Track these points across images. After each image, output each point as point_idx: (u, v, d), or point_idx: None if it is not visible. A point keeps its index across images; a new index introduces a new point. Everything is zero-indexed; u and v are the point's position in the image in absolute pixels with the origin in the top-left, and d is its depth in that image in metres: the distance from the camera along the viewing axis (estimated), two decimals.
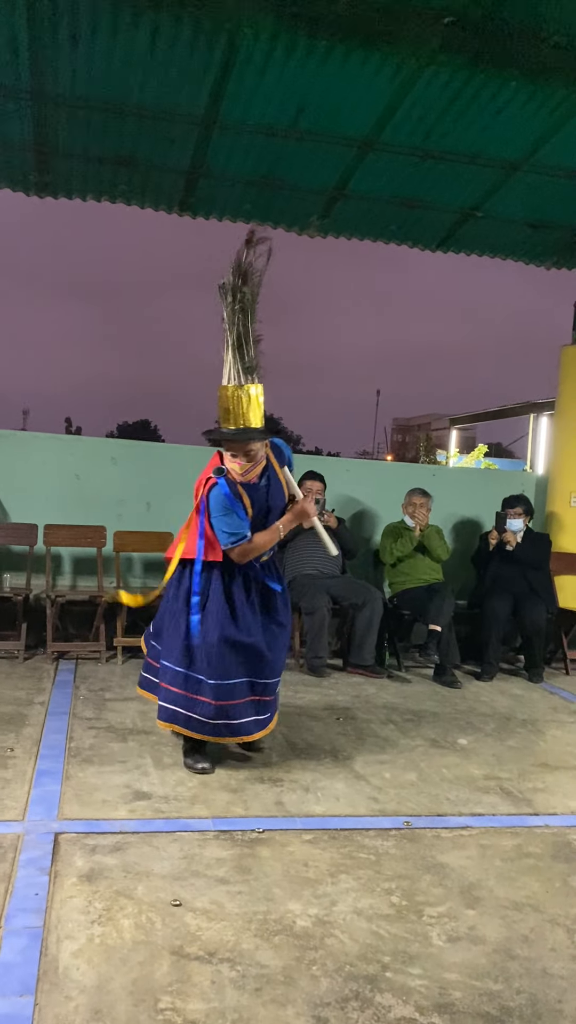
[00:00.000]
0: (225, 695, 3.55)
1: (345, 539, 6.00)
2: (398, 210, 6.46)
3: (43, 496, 6.09)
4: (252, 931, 2.43)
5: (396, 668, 5.89)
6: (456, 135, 5.31)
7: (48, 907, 2.47)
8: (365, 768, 3.85)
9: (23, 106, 5.16)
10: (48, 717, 4.30)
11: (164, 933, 2.38)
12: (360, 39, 4.42)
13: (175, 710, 3.58)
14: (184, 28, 4.36)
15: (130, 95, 4.99)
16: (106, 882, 2.65)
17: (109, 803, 3.27)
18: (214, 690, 3.52)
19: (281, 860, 2.89)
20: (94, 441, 7.36)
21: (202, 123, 5.31)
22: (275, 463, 3.71)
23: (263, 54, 4.57)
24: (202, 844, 2.97)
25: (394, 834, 3.18)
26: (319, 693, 5.11)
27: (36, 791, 3.33)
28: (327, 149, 5.57)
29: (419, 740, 4.35)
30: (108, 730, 4.16)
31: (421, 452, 25.44)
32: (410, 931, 2.49)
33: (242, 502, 3.59)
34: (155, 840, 2.98)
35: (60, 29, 4.41)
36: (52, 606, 5.58)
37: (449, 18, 4.21)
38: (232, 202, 6.35)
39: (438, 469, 10.32)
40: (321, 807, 3.38)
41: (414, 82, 4.75)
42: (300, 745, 4.10)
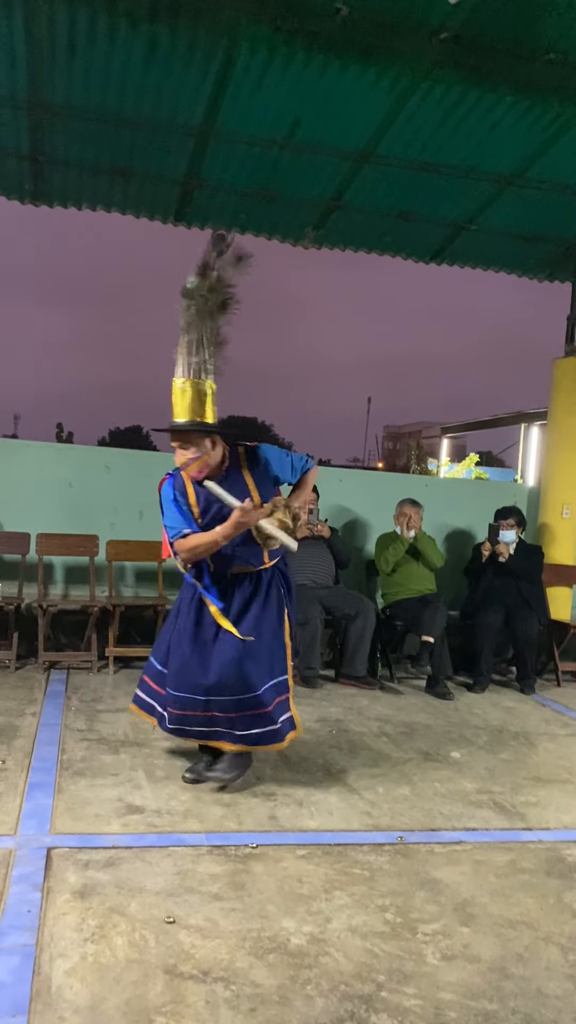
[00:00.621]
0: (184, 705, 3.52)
1: (338, 549, 6.01)
2: (393, 222, 6.50)
3: (36, 505, 6.07)
4: (246, 949, 2.41)
5: (389, 679, 5.89)
6: (451, 149, 5.35)
7: (41, 924, 2.45)
8: (358, 782, 3.84)
9: (19, 115, 5.17)
10: (40, 728, 4.28)
11: (158, 951, 2.36)
12: (356, 53, 4.45)
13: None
14: (181, 40, 4.38)
15: (127, 106, 5.02)
16: (99, 898, 2.63)
17: (102, 817, 3.25)
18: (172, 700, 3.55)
19: (275, 876, 2.88)
20: (87, 449, 7.35)
21: (198, 134, 5.33)
22: (244, 466, 3.59)
23: (260, 67, 4.59)
24: (195, 859, 2.95)
25: (388, 849, 3.18)
26: (312, 705, 5.10)
27: (28, 805, 3.31)
28: (323, 161, 5.61)
29: (412, 753, 4.34)
30: (100, 742, 4.14)
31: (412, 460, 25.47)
32: (405, 949, 2.48)
33: (187, 499, 3.52)
34: (148, 855, 2.96)
35: (58, 39, 4.43)
36: (44, 615, 5.55)
37: (445, 34, 4.24)
38: (228, 213, 6.37)
39: (430, 480, 10.34)
40: (315, 822, 3.37)
41: (409, 96, 4.79)
42: (293, 758, 4.09)
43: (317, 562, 5.87)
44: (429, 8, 4.06)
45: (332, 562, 5.97)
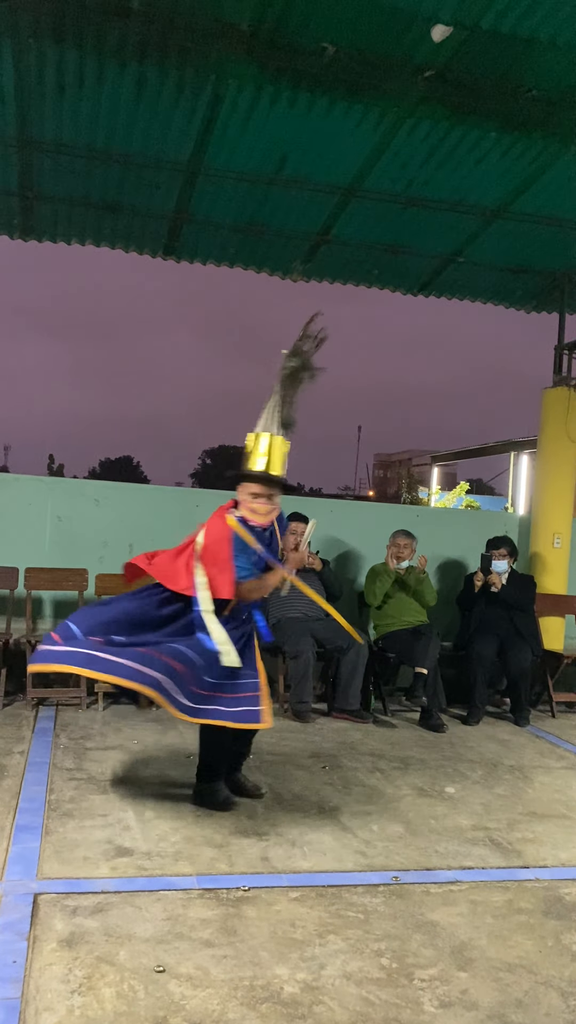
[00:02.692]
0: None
1: (329, 581, 5.97)
2: (380, 255, 6.56)
3: (24, 539, 6.03)
4: (238, 999, 2.35)
5: (382, 712, 5.83)
6: (437, 183, 5.41)
7: (26, 976, 2.38)
8: (352, 820, 3.78)
9: (9, 153, 5.21)
10: (28, 767, 4.20)
11: (147, 1003, 2.29)
12: (343, 91, 4.51)
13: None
14: (169, 79, 4.43)
15: (115, 143, 5.07)
16: (87, 947, 2.56)
17: (90, 860, 3.18)
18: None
19: (268, 920, 2.81)
20: (76, 483, 7.33)
21: (187, 170, 5.38)
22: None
23: (247, 105, 4.65)
24: (186, 904, 2.88)
25: (383, 890, 3.11)
26: (304, 740, 5.04)
27: (15, 848, 3.23)
28: (310, 196, 5.67)
29: (406, 789, 4.28)
30: (89, 781, 4.07)
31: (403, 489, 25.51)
32: (401, 996, 2.42)
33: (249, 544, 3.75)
34: (137, 900, 2.89)
35: (47, 78, 4.48)
36: (32, 651, 5.48)
37: (430, 72, 4.30)
38: (216, 247, 6.43)
39: (421, 510, 10.34)
40: (308, 862, 3.30)
41: (396, 132, 4.86)
42: (286, 796, 4.03)
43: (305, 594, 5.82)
44: (414, 47, 4.12)
45: (323, 594, 5.92)
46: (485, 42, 4.05)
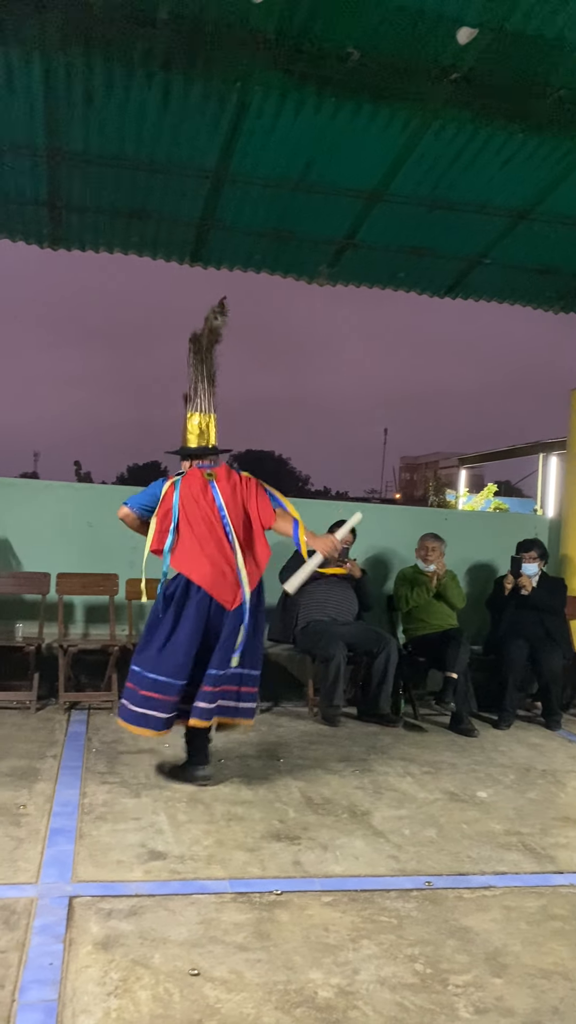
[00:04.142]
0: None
1: (367, 591, 5.97)
2: (406, 258, 6.54)
3: (55, 544, 6.09)
4: (273, 1003, 2.35)
5: (412, 716, 5.81)
6: (463, 186, 5.39)
7: (63, 978, 2.41)
8: (384, 824, 3.77)
9: (38, 163, 5.26)
10: (61, 771, 4.25)
11: (182, 1006, 2.31)
12: (368, 95, 4.51)
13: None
14: (195, 87, 4.45)
15: (142, 151, 5.10)
16: (122, 950, 2.58)
17: (124, 864, 3.20)
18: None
19: (300, 924, 2.81)
20: (106, 489, 7.39)
21: (213, 177, 5.40)
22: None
23: (272, 111, 4.66)
24: (219, 908, 2.90)
25: (415, 895, 3.10)
26: (334, 744, 5.04)
27: (50, 851, 3.27)
28: (336, 201, 5.66)
29: (437, 793, 4.26)
30: (121, 784, 4.10)
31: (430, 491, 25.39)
32: (436, 1002, 2.41)
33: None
34: (171, 903, 2.91)
35: (75, 89, 4.51)
36: (64, 655, 5.54)
37: (455, 74, 4.29)
38: (242, 253, 6.45)
39: (450, 513, 10.29)
40: (340, 867, 3.30)
41: (421, 136, 4.84)
42: (316, 800, 4.03)
43: (338, 599, 5.83)
44: (440, 49, 4.11)
45: (354, 600, 5.92)
46: (511, 44, 4.03)
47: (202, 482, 4.18)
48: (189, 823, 3.65)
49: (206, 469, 4.22)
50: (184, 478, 4.20)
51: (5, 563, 6.11)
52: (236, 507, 4.15)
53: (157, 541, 4.12)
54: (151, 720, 3.95)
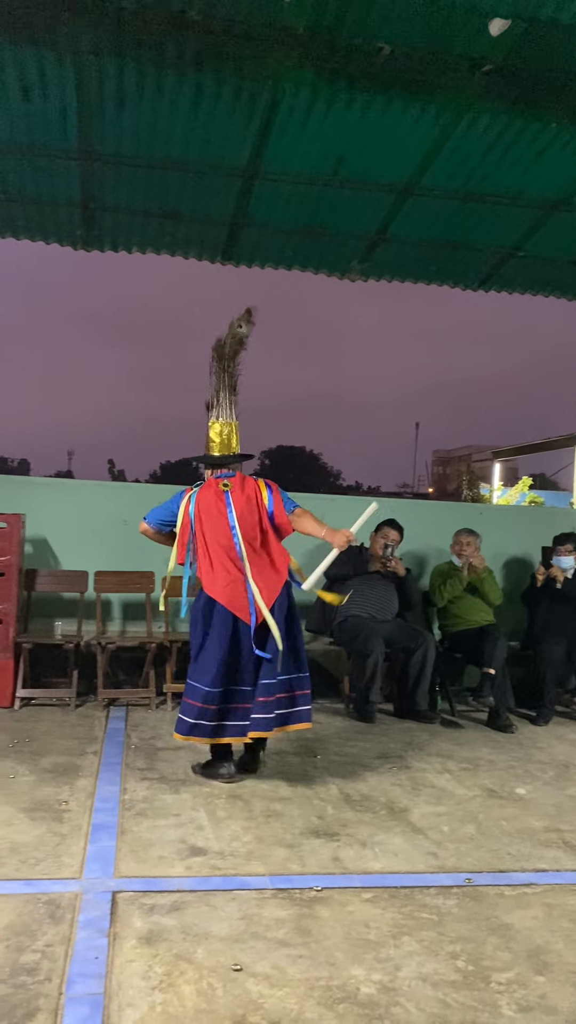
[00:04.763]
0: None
1: (412, 590, 5.95)
2: (439, 252, 6.51)
3: (93, 543, 6.15)
4: (315, 999, 2.37)
5: (448, 713, 5.79)
6: (496, 177, 5.35)
7: (108, 972, 2.44)
8: (422, 821, 3.77)
9: (71, 166, 5.32)
10: (101, 768, 4.30)
11: (226, 1001, 2.33)
12: (399, 90, 4.49)
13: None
14: (226, 87, 4.47)
15: (174, 151, 5.14)
16: (165, 944, 2.61)
17: (165, 859, 3.24)
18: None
19: (341, 921, 2.83)
20: (140, 487, 7.45)
21: (244, 175, 5.42)
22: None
23: (303, 108, 4.67)
24: (260, 903, 2.92)
25: (456, 892, 3.10)
26: (371, 740, 5.04)
27: (92, 847, 3.32)
28: (367, 196, 5.66)
29: (476, 790, 4.25)
30: (160, 781, 4.14)
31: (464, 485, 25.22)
32: (478, 999, 2.41)
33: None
34: (212, 899, 2.94)
35: (107, 91, 4.55)
36: (103, 652, 5.60)
37: (488, 66, 4.26)
38: (274, 250, 6.46)
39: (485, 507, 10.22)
40: (379, 863, 3.31)
41: (454, 128, 4.82)
42: (354, 796, 4.04)
43: (379, 596, 5.82)
44: (472, 41, 4.08)
45: (395, 598, 5.90)
46: (544, 34, 3.99)
47: (217, 493, 4.17)
48: (228, 819, 3.67)
49: (223, 479, 4.20)
50: (200, 490, 4.20)
51: (44, 562, 6.19)
52: (250, 517, 4.13)
53: (180, 555, 4.22)
54: (181, 724, 4.04)
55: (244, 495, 4.17)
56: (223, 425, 4.26)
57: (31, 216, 6.06)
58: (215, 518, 4.11)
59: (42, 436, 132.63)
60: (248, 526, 4.11)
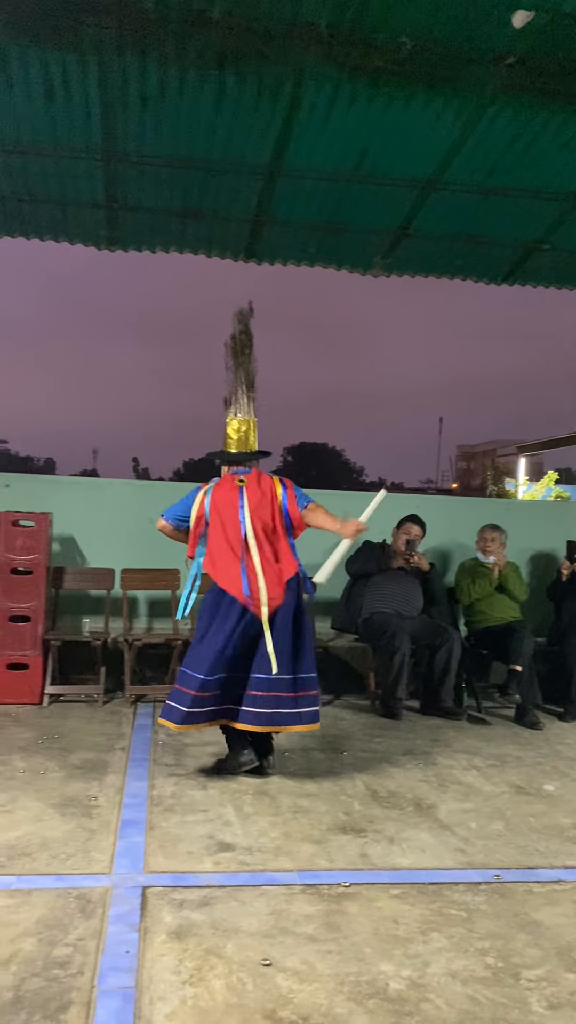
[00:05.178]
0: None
1: (435, 585, 5.94)
2: (462, 246, 6.48)
3: (119, 541, 6.20)
4: (345, 994, 2.38)
5: (475, 709, 5.77)
6: (520, 171, 5.31)
7: (139, 966, 2.47)
8: (450, 817, 3.77)
9: (95, 166, 5.35)
10: (129, 764, 4.34)
11: (256, 995, 2.35)
12: (422, 84, 4.47)
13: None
14: (248, 84, 4.48)
15: (196, 150, 5.14)
16: (195, 939, 2.63)
17: (194, 855, 3.26)
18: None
19: (370, 916, 2.83)
20: (165, 485, 7.49)
21: (266, 172, 5.42)
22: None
23: (325, 104, 4.66)
24: (289, 899, 2.93)
25: (484, 888, 3.10)
26: (398, 737, 5.04)
27: (121, 842, 3.35)
28: (390, 191, 5.63)
29: (503, 787, 4.24)
30: (188, 777, 4.17)
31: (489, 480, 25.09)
32: (508, 996, 2.41)
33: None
34: (241, 894, 2.95)
35: (130, 92, 4.57)
36: (130, 649, 5.64)
37: (511, 59, 4.22)
38: (296, 247, 6.46)
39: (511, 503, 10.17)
40: (407, 859, 3.31)
41: (476, 122, 4.78)
42: (381, 793, 4.04)
43: (404, 592, 5.81)
44: (494, 34, 4.05)
45: (420, 594, 5.89)
46: (568, 25, 3.95)
47: (233, 489, 4.22)
48: (256, 815, 3.69)
49: (239, 475, 4.26)
50: (216, 485, 4.27)
51: (71, 560, 6.25)
52: (262, 513, 4.18)
53: (191, 548, 4.28)
54: (173, 712, 4.03)
55: (259, 491, 4.22)
56: (241, 422, 4.29)
57: (55, 217, 6.11)
58: (228, 512, 4.17)
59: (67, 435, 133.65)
60: (259, 521, 4.16)
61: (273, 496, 4.24)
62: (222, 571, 4.12)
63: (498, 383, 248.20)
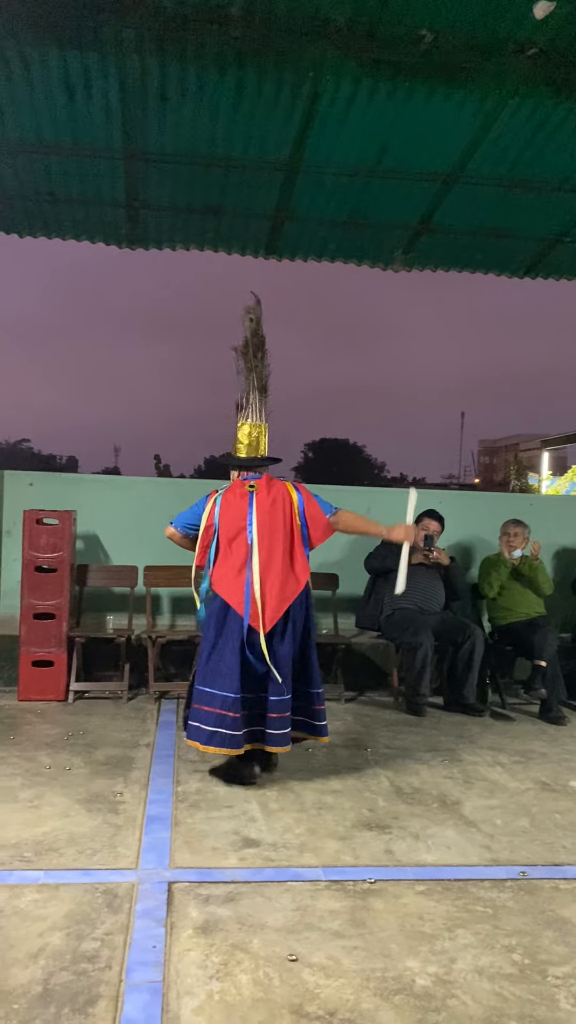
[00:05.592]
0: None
1: (457, 579, 5.92)
2: (483, 240, 6.43)
3: (142, 538, 6.22)
4: (371, 989, 2.38)
5: (499, 706, 5.74)
6: (542, 163, 5.26)
7: (166, 960, 2.48)
8: (475, 814, 3.75)
9: (115, 165, 5.37)
10: (154, 760, 4.36)
11: (282, 990, 2.36)
12: (442, 77, 4.44)
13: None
14: (268, 81, 4.47)
15: (216, 148, 5.15)
16: (221, 934, 2.64)
17: (219, 851, 3.27)
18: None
19: (395, 913, 2.83)
20: (186, 483, 7.51)
21: (286, 169, 5.41)
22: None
23: (345, 99, 4.64)
24: (314, 895, 2.94)
25: (510, 885, 3.09)
26: (421, 734, 5.03)
27: (147, 838, 3.37)
28: (410, 186, 5.61)
29: (528, 783, 4.22)
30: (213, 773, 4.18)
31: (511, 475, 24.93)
32: (535, 993, 2.40)
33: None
34: (267, 890, 2.96)
35: (150, 90, 4.58)
36: (153, 646, 5.67)
37: (533, 50, 4.19)
38: (317, 243, 6.45)
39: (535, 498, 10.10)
40: (432, 856, 3.31)
41: (498, 115, 4.75)
42: (406, 789, 4.04)
43: (426, 588, 5.79)
44: (515, 26, 4.02)
45: (442, 590, 5.87)
46: None
47: (242, 495, 4.08)
48: (280, 811, 3.70)
49: (249, 481, 4.12)
50: (226, 492, 4.13)
51: (94, 557, 6.29)
52: (272, 522, 4.02)
53: (200, 557, 4.13)
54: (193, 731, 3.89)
55: (270, 497, 4.06)
56: (252, 427, 4.18)
57: (77, 216, 6.14)
58: (236, 520, 4.02)
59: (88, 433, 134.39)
60: (268, 530, 4.00)
61: (287, 502, 4.08)
62: (225, 582, 3.98)
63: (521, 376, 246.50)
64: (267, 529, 4.00)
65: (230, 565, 4.00)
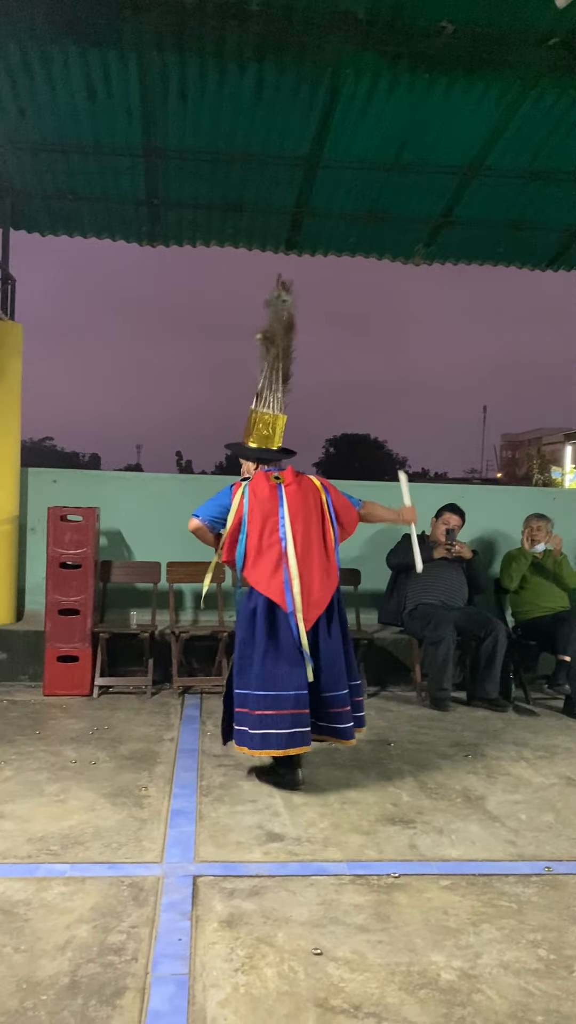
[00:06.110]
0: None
1: (479, 572, 5.90)
2: (505, 232, 6.41)
3: (165, 535, 6.26)
4: (396, 984, 2.38)
5: (523, 701, 5.72)
6: (564, 154, 5.24)
7: (192, 953, 2.50)
8: (499, 809, 3.74)
9: (136, 163, 5.39)
10: (178, 754, 4.39)
11: (307, 984, 2.37)
12: (462, 69, 4.43)
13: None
14: (287, 76, 4.48)
15: (236, 144, 5.16)
16: (246, 928, 2.66)
17: (243, 845, 3.29)
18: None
19: (420, 907, 2.83)
20: (208, 479, 7.54)
21: (306, 163, 5.42)
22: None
23: (365, 93, 4.64)
24: (338, 889, 2.95)
25: (535, 880, 3.07)
26: (444, 729, 5.02)
27: (172, 832, 3.39)
28: (431, 179, 5.60)
29: (553, 778, 4.20)
30: (236, 767, 4.20)
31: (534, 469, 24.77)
32: (561, 988, 2.39)
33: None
34: (291, 884, 2.97)
35: (170, 87, 4.60)
36: (177, 641, 5.70)
37: (554, 40, 4.16)
38: (337, 237, 6.45)
39: (558, 492, 10.03)
40: (456, 851, 3.30)
41: (519, 106, 4.73)
42: (430, 784, 4.03)
43: (448, 582, 5.77)
44: (536, 16, 4.00)
45: (464, 584, 5.85)
46: None
47: (270, 488, 3.93)
48: (304, 806, 3.71)
49: (272, 472, 4.00)
50: (251, 484, 3.96)
51: (118, 553, 6.33)
52: (307, 514, 3.92)
53: (228, 552, 3.93)
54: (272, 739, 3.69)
55: (300, 490, 3.96)
56: (271, 417, 4.06)
57: (98, 214, 6.17)
58: (268, 514, 3.88)
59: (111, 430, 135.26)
60: (302, 523, 3.89)
61: (316, 496, 4.00)
62: (263, 578, 3.81)
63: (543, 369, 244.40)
64: (301, 523, 3.89)
65: (267, 561, 3.84)
